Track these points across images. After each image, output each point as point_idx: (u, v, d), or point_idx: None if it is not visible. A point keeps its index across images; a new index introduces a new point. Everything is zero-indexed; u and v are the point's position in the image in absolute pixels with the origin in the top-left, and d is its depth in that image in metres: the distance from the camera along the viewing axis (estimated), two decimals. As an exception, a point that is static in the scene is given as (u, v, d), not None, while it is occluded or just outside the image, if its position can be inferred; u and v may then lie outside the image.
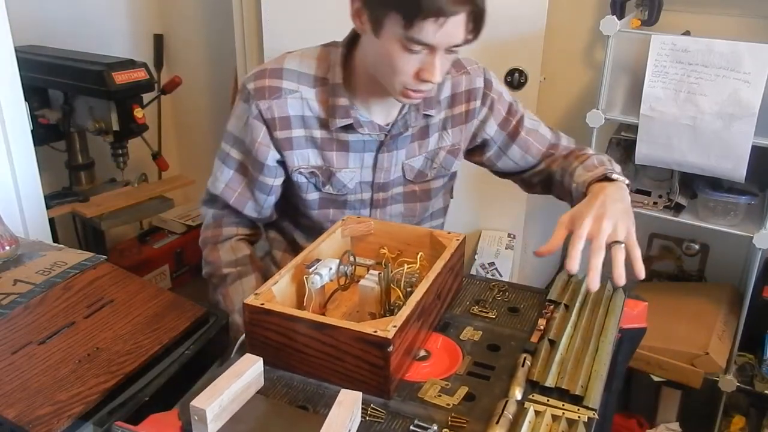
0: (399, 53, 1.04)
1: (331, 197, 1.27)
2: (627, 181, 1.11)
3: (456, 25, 1.00)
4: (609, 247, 0.96)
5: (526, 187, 1.39)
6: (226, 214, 1.29)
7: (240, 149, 1.23)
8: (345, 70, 1.18)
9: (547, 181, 1.32)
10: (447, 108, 1.26)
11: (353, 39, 1.17)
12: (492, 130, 1.30)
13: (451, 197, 1.45)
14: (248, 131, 1.19)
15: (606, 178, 1.10)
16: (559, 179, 1.25)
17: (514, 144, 1.30)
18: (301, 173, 1.23)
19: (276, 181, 1.24)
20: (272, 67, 1.20)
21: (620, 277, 0.94)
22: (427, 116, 1.24)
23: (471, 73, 1.27)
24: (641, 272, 0.96)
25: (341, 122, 1.18)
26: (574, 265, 0.95)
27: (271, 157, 1.20)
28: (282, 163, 1.22)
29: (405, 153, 1.26)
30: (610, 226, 0.97)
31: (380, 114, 1.21)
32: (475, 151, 1.35)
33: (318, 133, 1.20)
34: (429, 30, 0.99)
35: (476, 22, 1.02)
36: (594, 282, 0.93)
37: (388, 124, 1.22)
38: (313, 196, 1.26)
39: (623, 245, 0.97)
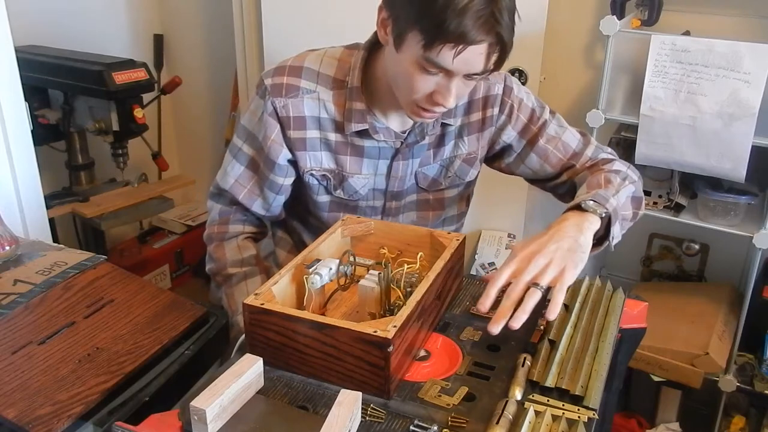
0: (416, 72, 1.02)
1: (342, 201, 1.26)
2: (604, 212, 1.04)
3: (477, 54, 0.97)
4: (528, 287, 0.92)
5: (558, 198, 1.33)
6: (233, 211, 1.28)
7: (252, 145, 1.23)
8: (364, 74, 1.16)
9: (573, 193, 1.24)
10: (464, 115, 1.23)
11: (376, 43, 1.16)
12: (510, 137, 1.26)
13: (467, 205, 1.41)
14: (262, 127, 1.19)
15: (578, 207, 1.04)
16: None
17: (532, 152, 1.25)
18: (312, 175, 1.22)
19: (286, 181, 1.23)
20: (292, 65, 1.18)
21: (514, 321, 0.89)
22: (444, 125, 1.22)
23: (490, 79, 1.21)
24: (549, 315, 0.90)
25: (356, 127, 1.16)
26: (481, 304, 0.93)
27: (283, 155, 1.19)
28: (294, 162, 1.21)
29: (419, 161, 1.24)
30: (536, 268, 0.93)
31: (397, 121, 1.20)
32: (494, 159, 1.32)
33: (332, 136, 1.19)
34: (447, 55, 0.96)
35: (500, 53, 0.99)
36: (493, 328, 0.89)
37: (404, 132, 1.20)
38: (323, 198, 1.26)
39: (540, 290, 0.91)
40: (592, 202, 1.04)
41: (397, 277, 0.96)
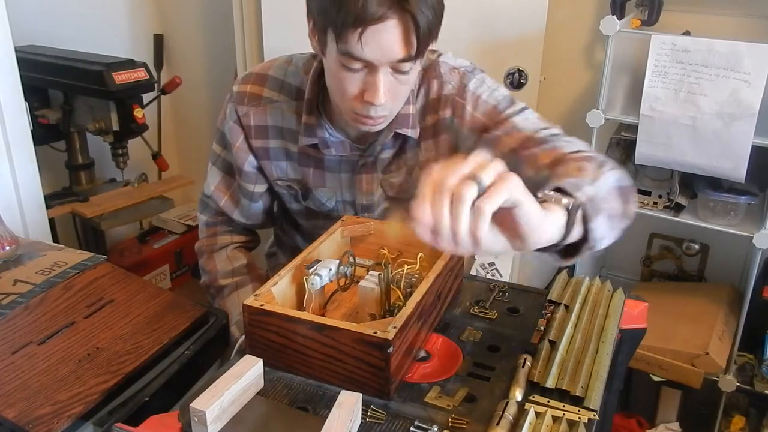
0: (340, 72, 0.96)
1: (315, 211, 1.24)
2: (569, 202, 0.76)
3: (385, 35, 0.90)
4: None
5: None
6: (219, 222, 1.28)
7: (226, 151, 1.22)
8: (320, 86, 1.10)
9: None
10: (421, 119, 1.14)
11: None
12: (466, 137, 1.13)
13: None
14: (230, 134, 1.18)
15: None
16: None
17: (481, 142, 1.09)
18: (279, 185, 1.20)
19: (257, 188, 1.21)
20: (258, 72, 1.17)
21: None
22: (405, 136, 1.13)
23: (443, 78, 1.12)
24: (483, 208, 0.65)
25: (307, 141, 1.13)
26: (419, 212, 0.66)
27: (249, 163, 1.18)
28: (261, 170, 1.20)
29: (383, 171, 1.18)
30: (473, 164, 0.67)
31: (355, 132, 1.14)
32: None
33: (294, 147, 1.16)
34: (354, 40, 0.90)
35: (417, 33, 0.90)
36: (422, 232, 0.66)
37: (364, 144, 1.14)
38: (297, 207, 1.24)
39: (477, 186, 0.65)
40: (553, 192, 0.78)
41: (397, 278, 0.96)
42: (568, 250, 0.81)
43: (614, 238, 0.86)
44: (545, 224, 0.73)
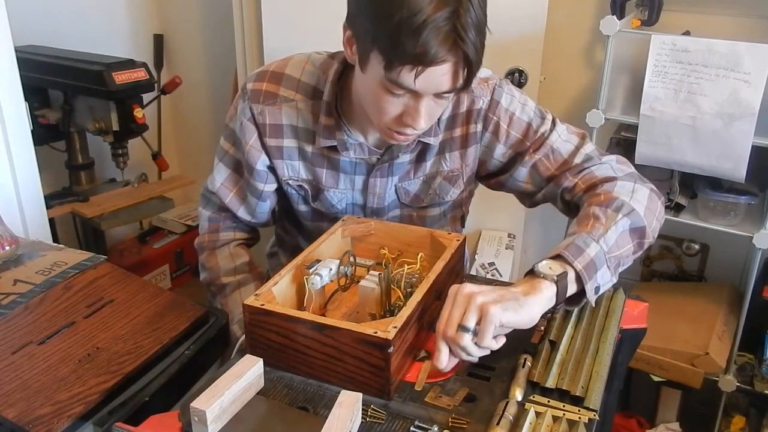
0: (382, 94, 0.96)
1: (322, 213, 1.23)
2: (557, 275, 0.90)
3: (441, 74, 0.91)
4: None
5: (560, 211, 1.19)
6: (223, 218, 1.27)
7: (237, 147, 1.21)
8: (339, 87, 1.11)
9: (572, 208, 1.14)
10: (446, 130, 1.15)
11: None
12: (502, 155, 1.17)
13: (462, 226, 1.35)
14: (242, 132, 1.17)
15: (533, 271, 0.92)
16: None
17: (522, 166, 1.15)
18: (290, 185, 1.20)
19: (267, 187, 1.21)
20: (274, 70, 1.16)
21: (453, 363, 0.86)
22: (423, 142, 1.14)
23: (474, 92, 1.13)
24: (469, 356, 0.85)
25: (325, 143, 1.13)
26: (437, 361, 0.85)
27: (261, 161, 1.17)
28: (273, 169, 1.19)
29: (399, 177, 1.18)
30: (459, 308, 0.85)
31: (375, 136, 1.15)
32: (489, 176, 1.23)
33: (309, 147, 1.16)
34: (408, 76, 0.90)
35: (467, 70, 0.92)
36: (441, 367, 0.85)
37: (381, 147, 1.15)
38: (303, 208, 1.24)
39: (467, 332, 0.84)
40: (546, 262, 0.92)
41: (398, 278, 0.96)
42: (570, 299, 0.94)
43: (618, 273, 0.99)
44: (533, 312, 0.88)
